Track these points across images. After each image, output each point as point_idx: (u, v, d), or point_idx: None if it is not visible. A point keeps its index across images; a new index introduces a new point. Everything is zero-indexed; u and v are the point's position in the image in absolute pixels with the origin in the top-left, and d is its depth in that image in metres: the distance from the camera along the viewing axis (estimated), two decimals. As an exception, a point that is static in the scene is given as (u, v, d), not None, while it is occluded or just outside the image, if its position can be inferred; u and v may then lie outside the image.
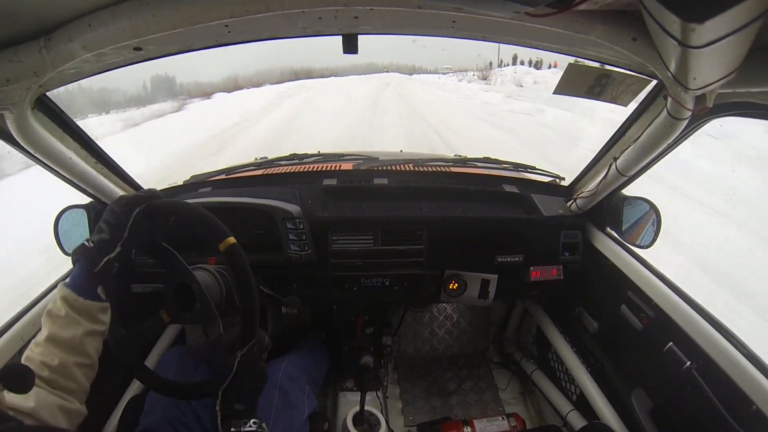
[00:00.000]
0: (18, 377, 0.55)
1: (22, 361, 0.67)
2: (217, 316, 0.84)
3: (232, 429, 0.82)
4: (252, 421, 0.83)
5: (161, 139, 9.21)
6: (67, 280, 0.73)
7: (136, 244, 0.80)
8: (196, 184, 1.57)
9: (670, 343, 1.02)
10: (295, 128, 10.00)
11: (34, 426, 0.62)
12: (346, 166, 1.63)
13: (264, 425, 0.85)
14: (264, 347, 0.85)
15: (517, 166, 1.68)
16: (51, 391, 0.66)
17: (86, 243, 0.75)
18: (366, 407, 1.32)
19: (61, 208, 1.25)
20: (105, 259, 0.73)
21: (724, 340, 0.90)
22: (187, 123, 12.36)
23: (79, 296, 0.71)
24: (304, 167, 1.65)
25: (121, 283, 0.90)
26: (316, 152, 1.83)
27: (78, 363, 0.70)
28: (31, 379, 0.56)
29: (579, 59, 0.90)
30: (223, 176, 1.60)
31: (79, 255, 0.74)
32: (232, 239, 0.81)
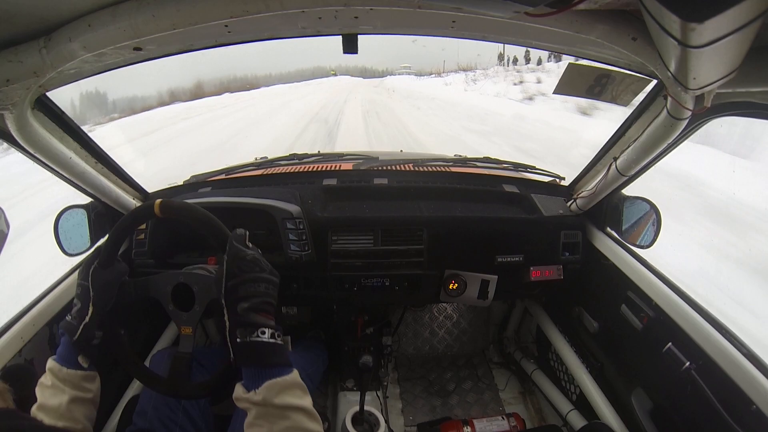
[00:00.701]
0: (20, 376, 0.55)
1: None
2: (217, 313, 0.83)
3: (238, 339, 0.65)
4: (260, 330, 0.65)
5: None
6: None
7: (105, 299, 0.80)
8: (195, 184, 1.58)
9: (670, 343, 1.02)
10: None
11: (49, 426, 0.62)
12: (346, 166, 1.63)
13: (281, 336, 0.68)
14: (240, 236, 0.72)
15: (517, 166, 1.68)
16: None
17: (68, 317, 0.78)
18: (366, 407, 1.32)
19: (62, 208, 1.25)
20: (82, 326, 0.76)
21: (724, 340, 0.90)
22: None
23: (62, 366, 0.75)
24: (304, 167, 1.65)
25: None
26: (316, 152, 1.83)
27: (68, 429, 0.72)
28: (34, 378, 0.56)
29: (579, 59, 0.90)
30: (222, 176, 1.60)
31: (62, 328, 0.78)
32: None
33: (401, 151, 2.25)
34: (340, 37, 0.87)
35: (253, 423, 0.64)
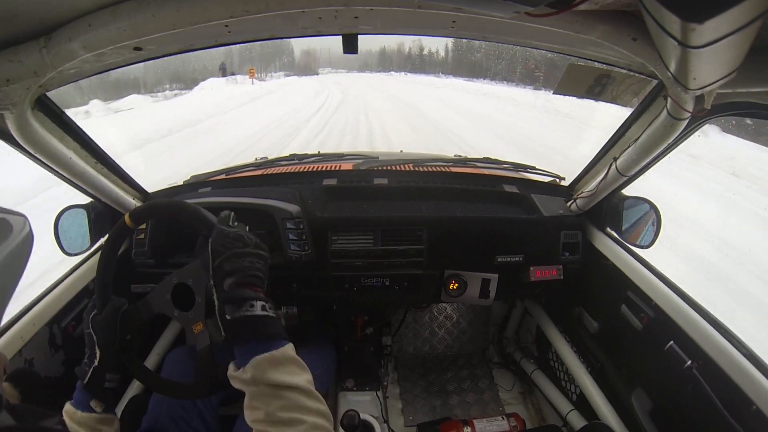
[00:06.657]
0: (24, 378, 0.54)
1: None
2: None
3: (228, 316, 0.63)
4: (249, 303, 0.63)
5: None
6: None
7: (110, 338, 0.78)
8: (195, 184, 1.58)
9: (671, 342, 1.02)
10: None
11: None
12: (346, 166, 1.63)
13: (273, 309, 0.66)
14: (224, 218, 0.74)
15: (517, 166, 1.68)
16: None
17: (83, 363, 0.78)
18: (360, 413, 1.29)
19: (62, 208, 1.25)
20: (91, 370, 0.75)
21: (724, 340, 0.90)
22: None
23: (76, 410, 0.74)
24: (304, 167, 1.65)
25: (120, 283, 0.87)
26: (316, 152, 1.83)
27: None
28: (36, 378, 0.55)
29: (579, 59, 0.90)
30: (223, 176, 1.60)
31: (77, 373, 0.78)
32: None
33: (401, 151, 2.25)
34: (341, 37, 0.87)
35: (249, 405, 0.62)
